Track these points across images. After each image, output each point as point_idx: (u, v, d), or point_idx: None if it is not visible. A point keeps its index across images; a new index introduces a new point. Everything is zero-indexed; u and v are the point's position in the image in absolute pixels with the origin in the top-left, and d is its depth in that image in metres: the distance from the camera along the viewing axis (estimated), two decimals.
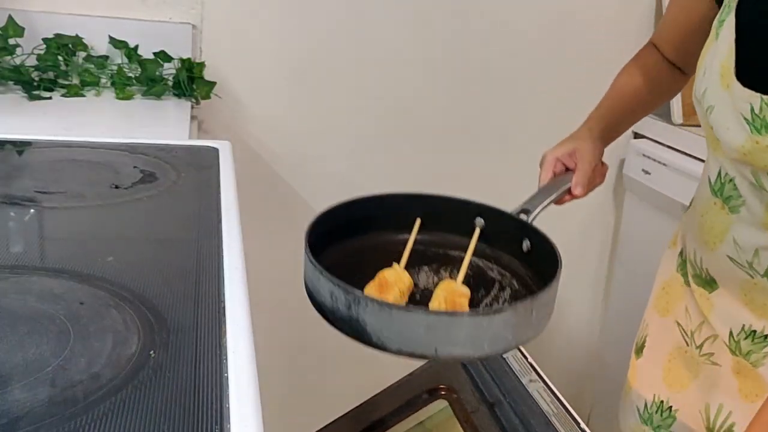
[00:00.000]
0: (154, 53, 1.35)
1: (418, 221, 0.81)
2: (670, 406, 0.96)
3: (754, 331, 0.84)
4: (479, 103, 1.62)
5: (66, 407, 0.46)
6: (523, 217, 0.81)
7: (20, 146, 0.97)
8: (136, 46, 1.35)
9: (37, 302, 0.58)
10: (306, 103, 1.52)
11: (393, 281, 0.70)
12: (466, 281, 0.73)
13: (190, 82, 1.36)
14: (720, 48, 0.77)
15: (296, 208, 1.59)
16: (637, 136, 1.71)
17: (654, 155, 1.63)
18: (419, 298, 0.73)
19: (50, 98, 1.27)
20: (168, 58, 1.36)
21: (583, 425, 0.86)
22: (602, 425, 1.73)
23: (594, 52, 1.63)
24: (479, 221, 0.81)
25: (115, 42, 1.34)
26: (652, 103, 1.05)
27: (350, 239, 0.79)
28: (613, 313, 1.88)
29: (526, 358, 0.99)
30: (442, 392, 1.00)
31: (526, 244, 0.78)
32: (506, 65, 1.61)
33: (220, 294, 0.61)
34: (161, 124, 1.23)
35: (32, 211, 0.78)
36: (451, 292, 0.70)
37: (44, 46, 1.31)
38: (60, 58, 1.31)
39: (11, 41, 1.28)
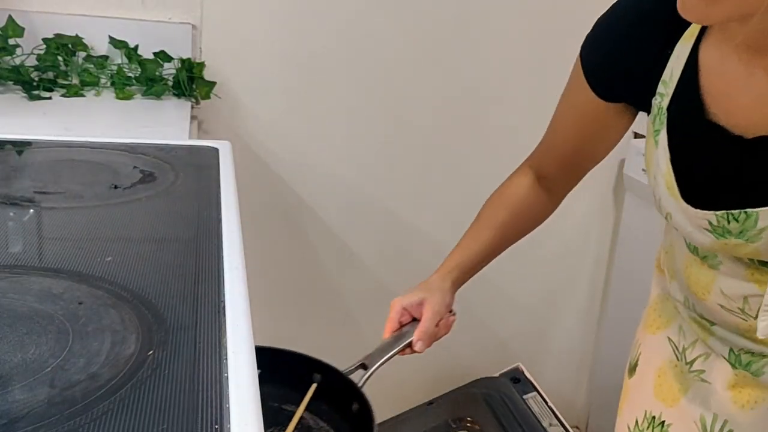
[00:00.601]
0: (154, 53, 1.35)
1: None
2: (663, 421, 0.95)
3: (752, 352, 0.84)
4: (479, 104, 1.62)
5: (65, 407, 0.45)
6: (360, 372, 0.83)
7: (20, 146, 0.97)
8: (136, 46, 1.35)
9: (36, 302, 0.58)
10: (306, 103, 1.52)
11: None
12: None
13: (190, 82, 1.36)
14: (660, 161, 0.77)
15: (296, 208, 1.59)
16: (637, 136, 1.71)
17: None
18: None
19: (50, 98, 1.27)
20: (168, 58, 1.36)
21: None
22: (603, 424, 1.73)
23: None
24: (316, 377, 0.83)
25: (115, 42, 1.34)
26: (514, 237, 1.03)
27: None
28: (613, 313, 1.88)
29: (546, 402, 1.00)
30: (468, 423, 1.00)
31: (355, 405, 0.80)
32: (505, 68, 1.61)
33: (219, 294, 0.60)
34: (161, 124, 1.23)
35: (31, 211, 0.78)
36: None
37: (44, 46, 1.31)
38: (60, 58, 1.31)
39: (11, 41, 1.28)
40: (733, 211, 0.70)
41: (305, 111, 1.52)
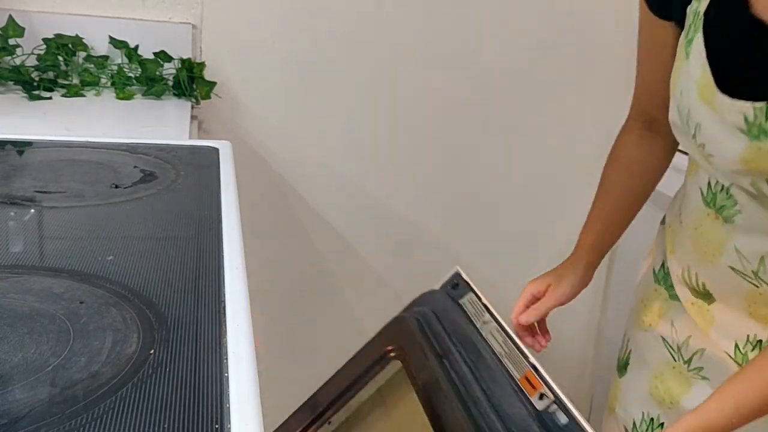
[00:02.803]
0: (154, 53, 1.35)
1: None
2: (662, 423, 0.94)
3: (760, 341, 0.81)
4: (480, 102, 1.62)
5: (66, 406, 0.45)
6: None
7: (20, 146, 0.97)
8: (137, 46, 1.36)
9: (37, 302, 0.58)
10: (306, 102, 1.52)
11: None
12: None
13: (190, 82, 1.36)
14: (693, 66, 0.75)
15: (296, 207, 1.59)
16: None
17: None
18: None
19: (50, 98, 1.27)
20: (168, 58, 1.36)
21: (532, 359, 0.84)
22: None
23: (599, 50, 1.63)
24: None
25: (115, 42, 1.34)
26: (641, 197, 1.02)
27: None
28: (612, 313, 1.88)
29: (480, 299, 0.95)
30: (392, 353, 0.95)
31: None
32: (509, 65, 1.61)
33: (220, 293, 0.61)
34: (161, 123, 1.23)
35: (32, 210, 0.78)
36: None
37: (44, 46, 1.31)
38: (60, 58, 1.31)
39: (11, 41, 1.28)
40: None
41: (306, 111, 1.52)
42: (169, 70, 1.36)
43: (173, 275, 0.64)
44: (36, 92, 1.26)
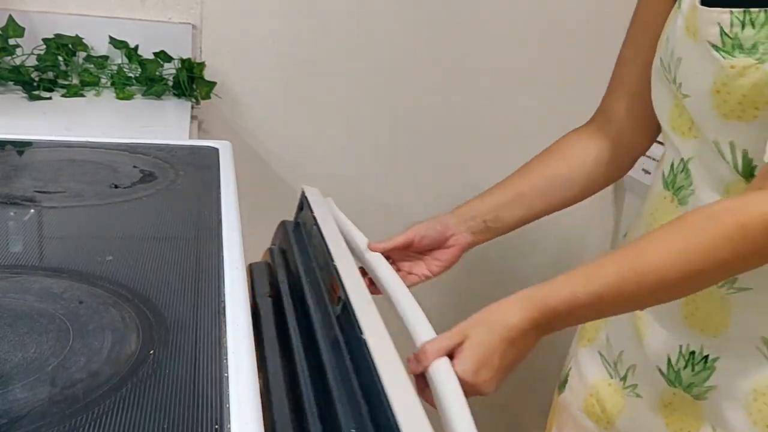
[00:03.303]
0: (154, 53, 1.35)
1: None
2: None
3: (693, 353, 0.79)
4: (480, 102, 1.62)
5: (66, 406, 0.45)
6: None
7: (20, 146, 0.97)
8: (136, 46, 1.36)
9: (37, 301, 0.58)
10: (306, 103, 1.52)
11: None
12: None
13: (190, 82, 1.36)
14: (684, 4, 0.74)
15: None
16: None
17: (655, 155, 1.63)
18: None
19: (50, 98, 1.27)
20: (168, 58, 1.36)
21: (336, 263, 0.74)
22: None
23: (598, 52, 1.63)
24: None
25: (115, 42, 1.34)
26: (567, 191, 0.92)
27: None
28: None
29: (315, 218, 0.89)
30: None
31: None
32: (509, 65, 1.61)
33: (220, 293, 0.61)
34: (161, 124, 1.23)
35: (32, 210, 0.78)
36: None
37: (44, 46, 1.31)
38: (60, 58, 1.31)
39: (11, 41, 1.28)
40: (751, 9, 0.67)
41: (306, 111, 1.52)
42: (169, 70, 1.36)
43: (173, 275, 0.64)
44: (36, 92, 1.26)
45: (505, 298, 0.69)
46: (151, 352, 0.52)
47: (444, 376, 0.62)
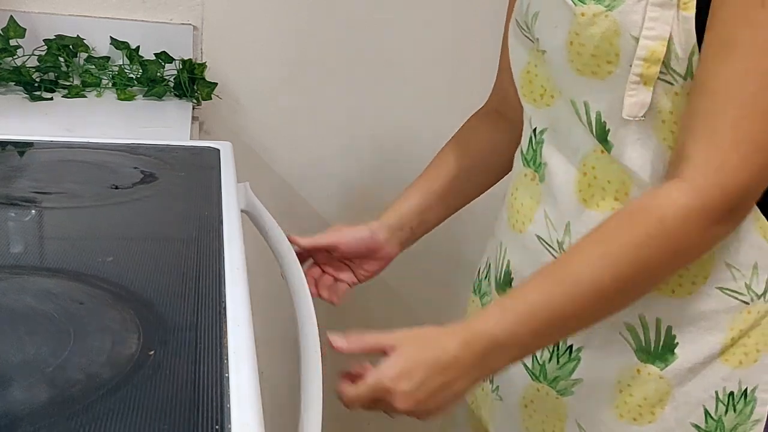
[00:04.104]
0: (156, 54, 1.35)
1: None
2: None
3: (558, 343, 0.77)
4: (481, 103, 1.62)
5: (66, 407, 0.45)
6: None
7: (21, 147, 0.97)
8: (138, 47, 1.36)
9: (37, 302, 0.58)
10: (307, 103, 1.52)
11: None
12: None
13: (191, 83, 1.36)
14: None
15: (297, 208, 1.59)
16: None
17: None
18: None
19: (51, 99, 1.27)
20: (169, 59, 1.36)
21: None
22: None
23: None
24: None
25: (116, 43, 1.35)
26: (476, 176, 0.94)
27: None
28: None
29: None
30: None
31: None
32: None
33: (220, 294, 0.60)
34: (162, 124, 1.23)
35: (32, 211, 0.78)
36: None
37: (45, 47, 1.31)
38: (61, 59, 1.31)
39: (12, 42, 1.28)
40: None
41: (306, 112, 1.53)
42: (170, 71, 1.36)
43: (173, 276, 0.64)
44: (37, 93, 1.26)
45: (443, 326, 0.68)
46: (152, 353, 0.52)
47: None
